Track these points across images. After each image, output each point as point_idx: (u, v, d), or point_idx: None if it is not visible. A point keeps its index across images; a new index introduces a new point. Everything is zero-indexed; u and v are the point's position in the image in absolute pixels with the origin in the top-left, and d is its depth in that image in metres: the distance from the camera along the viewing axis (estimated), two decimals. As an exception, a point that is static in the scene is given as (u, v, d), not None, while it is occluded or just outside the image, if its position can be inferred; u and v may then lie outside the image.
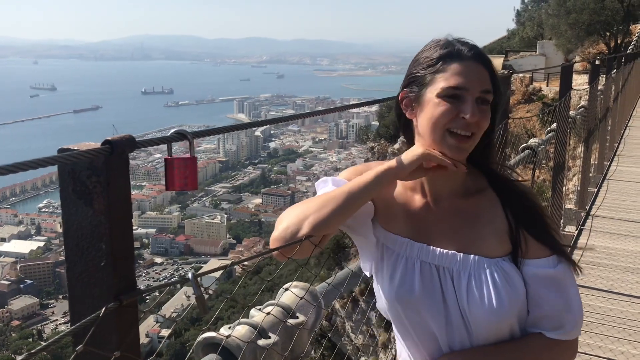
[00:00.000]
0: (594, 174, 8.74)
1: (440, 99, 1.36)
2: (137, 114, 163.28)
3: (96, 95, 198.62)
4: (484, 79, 1.37)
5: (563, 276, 1.44)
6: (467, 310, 1.39)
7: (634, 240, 6.36)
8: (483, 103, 1.37)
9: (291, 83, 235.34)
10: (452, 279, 1.41)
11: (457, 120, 1.35)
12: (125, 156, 0.84)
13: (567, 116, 5.08)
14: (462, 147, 1.37)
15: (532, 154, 4.40)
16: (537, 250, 1.43)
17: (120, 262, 0.86)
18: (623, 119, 13.01)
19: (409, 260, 1.45)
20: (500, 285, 1.38)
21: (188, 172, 0.95)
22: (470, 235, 1.44)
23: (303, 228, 1.36)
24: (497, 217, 1.45)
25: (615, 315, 4.69)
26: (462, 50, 1.39)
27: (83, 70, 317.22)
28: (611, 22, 34.20)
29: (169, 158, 0.96)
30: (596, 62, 7.33)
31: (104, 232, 0.84)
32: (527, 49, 42.73)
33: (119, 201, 0.85)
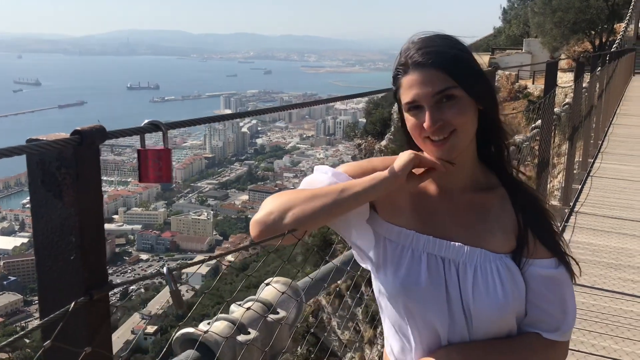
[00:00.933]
0: (578, 171, 8.80)
1: (408, 114, 1.40)
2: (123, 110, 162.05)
3: (81, 90, 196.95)
4: (435, 81, 1.35)
5: (563, 278, 1.47)
6: (471, 303, 1.39)
7: (617, 236, 6.41)
8: (449, 99, 1.35)
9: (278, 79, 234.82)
10: (458, 272, 1.42)
11: (424, 129, 1.36)
12: (96, 147, 0.82)
13: (551, 113, 5.11)
14: (442, 149, 1.37)
15: (517, 151, 4.41)
16: (540, 251, 1.45)
17: (91, 256, 0.84)
18: (607, 116, 13.13)
19: (415, 252, 1.44)
20: (505, 280, 1.40)
21: (162, 164, 0.93)
22: (478, 229, 1.45)
23: (286, 218, 1.34)
24: (506, 214, 1.47)
25: (598, 311, 4.73)
26: (409, 60, 1.38)
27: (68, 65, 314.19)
28: (596, 21, 34.51)
29: (143, 150, 0.94)
30: (581, 60, 7.38)
31: (73, 225, 0.82)
32: (513, 46, 42.97)
33: (89, 193, 0.82)
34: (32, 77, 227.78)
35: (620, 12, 34.37)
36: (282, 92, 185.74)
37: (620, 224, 6.80)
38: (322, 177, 1.47)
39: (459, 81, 1.36)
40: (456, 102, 1.35)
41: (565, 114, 6.80)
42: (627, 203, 7.59)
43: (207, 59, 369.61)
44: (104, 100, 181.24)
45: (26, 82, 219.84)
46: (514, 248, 1.44)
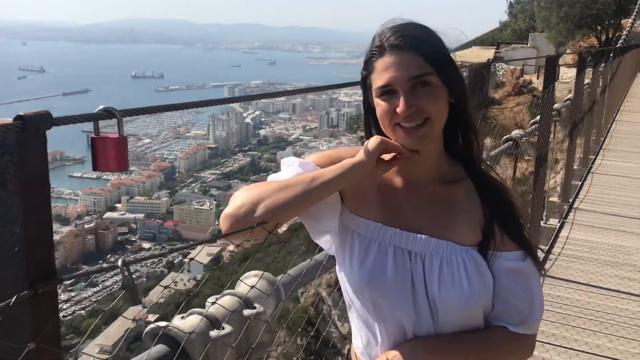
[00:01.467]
0: (579, 167, 8.75)
1: (379, 99, 1.36)
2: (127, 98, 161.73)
3: (85, 78, 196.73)
4: (412, 65, 1.32)
5: (530, 271, 1.46)
6: (437, 296, 1.38)
7: (615, 234, 6.37)
8: (423, 86, 1.32)
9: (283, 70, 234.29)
10: (424, 264, 1.40)
11: (398, 115, 1.33)
12: (42, 134, 0.78)
13: (550, 108, 5.05)
14: (414, 136, 1.35)
15: (514, 146, 4.37)
16: (507, 244, 1.43)
17: (36, 248, 0.80)
18: (610, 112, 13.05)
19: (382, 245, 1.43)
20: (471, 273, 1.38)
21: (117, 153, 0.90)
22: (445, 221, 1.43)
23: (257, 210, 1.32)
24: (473, 206, 1.45)
25: (593, 309, 4.70)
26: (385, 42, 1.35)
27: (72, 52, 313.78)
28: (602, 16, 34.34)
29: (97, 137, 0.90)
30: (583, 55, 7.31)
31: (17, 215, 0.78)
32: (519, 41, 42.81)
33: (34, 182, 0.79)
34: (37, 64, 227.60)
35: (627, 8, 34.15)
36: (286, 83, 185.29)
37: (619, 221, 6.76)
38: (288, 170, 1.45)
39: (436, 68, 1.33)
40: (431, 90, 1.33)
41: (566, 109, 6.74)
42: (627, 200, 7.55)
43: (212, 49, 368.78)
44: (108, 88, 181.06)
45: (30, 69, 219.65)
46: (480, 240, 1.43)
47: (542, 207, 5.89)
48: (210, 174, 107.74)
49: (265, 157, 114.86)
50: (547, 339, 4.24)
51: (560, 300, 4.80)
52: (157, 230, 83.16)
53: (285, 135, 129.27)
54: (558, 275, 5.25)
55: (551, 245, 5.97)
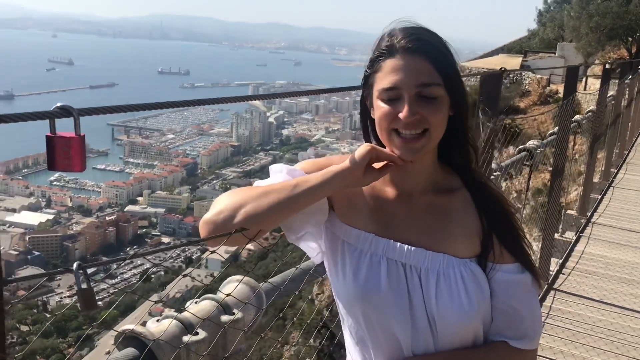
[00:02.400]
0: (600, 181, 8.58)
1: (380, 101, 1.30)
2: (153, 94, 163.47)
3: (113, 72, 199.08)
4: (422, 72, 1.27)
5: (529, 284, 1.41)
6: (435, 311, 1.33)
7: (633, 250, 6.23)
8: (429, 96, 1.27)
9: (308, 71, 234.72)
10: (420, 278, 1.35)
11: (398, 120, 1.27)
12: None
13: (569, 119, 4.94)
14: (410, 147, 1.29)
15: (529, 156, 4.28)
16: (506, 256, 1.39)
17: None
18: (636, 126, 12.78)
19: (374, 257, 1.37)
20: (469, 286, 1.33)
21: (72, 153, 0.86)
22: (440, 233, 1.38)
23: (237, 217, 1.27)
24: (469, 217, 1.40)
25: (605, 327, 4.58)
26: (396, 43, 1.29)
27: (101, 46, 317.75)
28: (634, 27, 33.70)
29: (51, 135, 0.87)
30: (607, 66, 7.15)
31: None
32: (546, 50, 42.28)
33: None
34: (66, 56, 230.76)
35: (659, 20, 33.47)
36: (311, 84, 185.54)
37: (638, 238, 6.60)
38: (275, 177, 1.40)
39: (444, 79, 1.28)
40: (436, 100, 1.28)
41: (587, 121, 6.61)
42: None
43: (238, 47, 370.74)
44: (134, 82, 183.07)
45: (59, 62, 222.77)
46: (478, 253, 1.38)
47: (557, 219, 5.77)
48: (231, 171, 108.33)
49: (286, 157, 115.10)
50: (554, 356, 4.14)
51: (571, 317, 4.69)
52: (177, 226, 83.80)
53: (308, 136, 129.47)
54: (570, 291, 5.14)
55: (565, 258, 5.85)
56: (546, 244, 5.11)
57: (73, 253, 71.28)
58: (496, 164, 3.35)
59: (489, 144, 2.79)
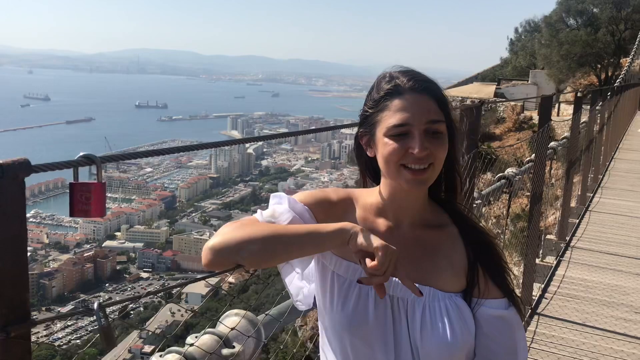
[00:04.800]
0: (576, 205, 8.75)
1: (388, 138, 1.36)
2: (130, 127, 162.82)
3: (90, 106, 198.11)
4: (430, 109, 1.35)
5: (514, 320, 1.45)
6: (419, 343, 1.37)
7: (612, 273, 6.35)
8: (434, 133, 1.35)
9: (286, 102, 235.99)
10: (406, 310, 1.39)
11: (407, 155, 1.34)
12: (20, 180, 0.81)
13: (546, 146, 5.09)
14: (419, 180, 1.36)
15: (507, 184, 4.39)
16: (491, 291, 1.43)
17: (9, 290, 0.82)
18: (609, 151, 13.10)
19: (363, 289, 1.41)
20: (454, 319, 1.37)
21: (94, 199, 0.92)
22: (428, 267, 1.43)
23: (243, 253, 1.29)
24: (456, 253, 1.45)
25: (588, 350, 4.66)
26: (402, 84, 1.37)
27: (78, 81, 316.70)
28: (602, 55, 34.70)
29: (74, 183, 0.93)
30: (578, 94, 7.38)
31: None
32: (519, 77, 43.17)
33: (11, 225, 0.81)
34: (42, 92, 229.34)
35: (626, 47, 34.56)
36: (289, 114, 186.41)
37: (616, 260, 6.74)
38: (278, 208, 1.44)
39: (445, 116, 1.37)
40: (441, 136, 1.37)
41: (562, 147, 6.79)
42: (624, 239, 7.53)
43: (216, 80, 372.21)
44: (112, 117, 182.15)
45: (35, 97, 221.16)
46: (464, 287, 1.43)
47: (537, 244, 5.88)
48: (210, 203, 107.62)
49: (266, 187, 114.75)
50: (540, 380, 4.20)
51: (555, 340, 4.77)
52: (156, 260, 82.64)
53: (287, 166, 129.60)
54: (553, 315, 5.22)
55: (547, 283, 5.95)
56: (528, 269, 5.21)
57: (50, 291, 69.77)
58: (477, 192, 3.45)
59: (471, 173, 2.89)
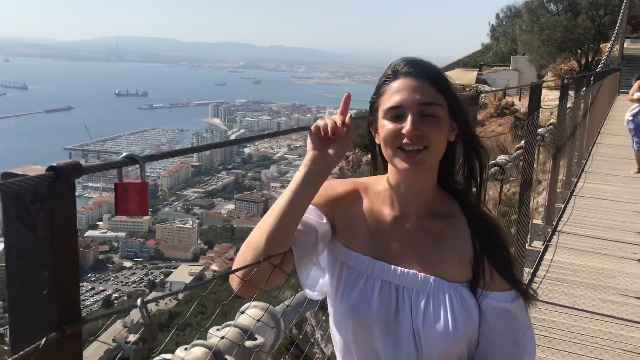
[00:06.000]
0: (561, 190, 8.88)
1: (385, 120, 1.40)
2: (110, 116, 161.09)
3: (69, 95, 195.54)
4: (425, 92, 1.38)
5: (519, 312, 1.47)
6: (421, 332, 1.39)
7: (598, 257, 6.47)
8: (429, 116, 1.37)
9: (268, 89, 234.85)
10: (411, 299, 1.42)
11: (400, 136, 1.37)
12: (71, 182, 0.82)
13: (535, 134, 5.17)
14: (413, 161, 1.38)
15: (500, 171, 4.45)
16: (497, 283, 1.45)
17: (64, 290, 0.83)
18: (591, 135, 13.28)
19: (369, 279, 1.45)
20: (457, 309, 1.40)
21: (139, 197, 0.94)
22: (433, 257, 1.45)
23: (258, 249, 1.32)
24: (463, 243, 1.47)
25: (577, 332, 4.77)
26: (399, 69, 1.41)
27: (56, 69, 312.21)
28: (583, 41, 35.00)
29: (120, 183, 0.94)
30: (565, 81, 7.47)
31: (46, 260, 0.82)
32: (500, 63, 43.42)
33: (63, 228, 0.82)
34: (19, 81, 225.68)
35: (606, 32, 34.87)
36: (271, 102, 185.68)
37: (602, 244, 6.87)
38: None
39: (446, 99, 1.39)
40: (437, 120, 1.39)
41: (549, 134, 6.88)
42: (609, 223, 7.67)
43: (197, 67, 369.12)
44: (91, 106, 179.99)
45: (12, 86, 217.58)
46: (470, 278, 1.45)
47: (526, 230, 5.97)
48: (193, 192, 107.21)
49: (249, 175, 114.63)
50: (533, 363, 4.29)
51: (545, 324, 4.86)
52: (139, 249, 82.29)
53: (270, 154, 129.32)
54: (543, 299, 5.32)
55: (536, 268, 6.05)
56: (518, 254, 5.29)
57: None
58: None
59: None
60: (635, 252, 6.61)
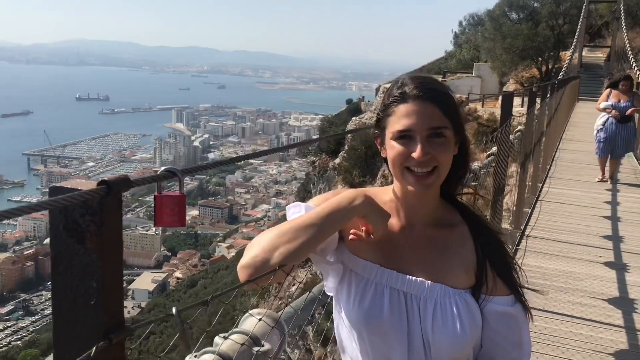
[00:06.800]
0: (528, 195, 9.09)
1: (394, 142, 1.45)
2: (71, 121, 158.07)
3: (27, 99, 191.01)
4: (434, 116, 1.43)
5: (519, 316, 1.55)
6: (431, 337, 1.45)
7: (565, 260, 6.66)
8: (438, 137, 1.43)
9: (232, 94, 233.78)
10: (419, 306, 1.48)
11: (410, 159, 1.43)
12: (120, 196, 0.84)
13: (507, 142, 5.31)
14: (422, 183, 1.45)
15: (474, 177, 4.56)
16: (499, 288, 1.52)
17: (110, 301, 0.85)
18: (554, 141, 13.63)
19: (379, 287, 1.50)
20: (463, 315, 1.46)
21: (177, 209, 0.96)
22: (439, 265, 1.51)
23: (273, 258, 1.37)
24: (467, 251, 1.54)
25: (549, 334, 4.90)
26: (409, 91, 1.45)
27: (13, 73, 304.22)
28: (543, 49, 35.91)
29: (159, 195, 0.97)
30: (533, 89, 7.68)
31: (95, 271, 0.83)
32: (463, 70, 44.14)
33: (111, 239, 0.84)
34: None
35: (565, 41, 35.86)
36: (236, 107, 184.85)
37: (569, 248, 7.06)
38: (296, 214, 1.53)
39: (452, 123, 1.45)
40: (445, 142, 1.45)
41: (518, 140, 7.05)
42: (574, 227, 7.89)
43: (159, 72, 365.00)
44: (51, 110, 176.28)
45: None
46: (473, 284, 1.51)
47: (497, 235, 6.11)
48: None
49: (213, 181, 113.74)
50: (508, 364, 4.39)
51: (518, 326, 4.98)
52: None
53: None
54: (515, 302, 5.45)
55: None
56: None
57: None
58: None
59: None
60: (601, 255, 6.82)
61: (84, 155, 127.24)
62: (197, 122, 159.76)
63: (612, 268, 6.45)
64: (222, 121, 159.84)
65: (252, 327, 1.61)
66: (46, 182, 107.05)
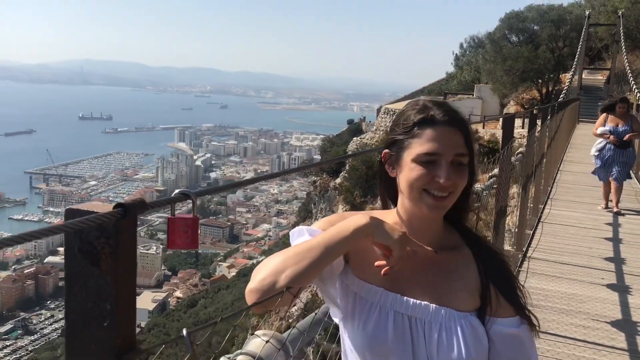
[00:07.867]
0: (530, 217, 9.10)
1: (416, 164, 1.46)
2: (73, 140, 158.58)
3: (30, 118, 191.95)
4: (458, 143, 1.46)
5: (525, 337, 1.53)
6: None
7: (567, 282, 6.64)
8: (459, 164, 1.46)
9: (235, 114, 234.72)
10: (424, 330, 1.48)
11: (432, 182, 1.44)
12: (135, 219, 0.86)
13: (509, 163, 5.33)
14: (439, 206, 1.46)
15: (476, 199, 4.58)
16: (504, 309, 1.51)
17: (124, 322, 0.87)
18: (555, 163, 13.67)
19: (383, 310, 1.50)
20: (469, 338, 1.46)
21: (190, 231, 0.99)
22: (443, 288, 1.52)
23: (280, 281, 1.38)
24: (470, 273, 1.54)
25: (552, 356, 4.87)
26: (436, 115, 1.48)
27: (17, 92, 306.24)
28: (543, 71, 36.17)
29: (172, 217, 0.99)
30: (534, 111, 7.73)
31: (109, 293, 0.85)
32: (464, 91, 44.40)
33: (126, 262, 0.86)
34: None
35: (565, 63, 36.14)
36: (238, 127, 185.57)
37: (570, 270, 7.05)
38: (299, 238, 1.54)
39: (469, 151, 1.49)
40: (463, 167, 1.47)
41: (519, 162, 7.08)
42: (576, 249, 7.88)
43: (163, 92, 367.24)
44: (54, 129, 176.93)
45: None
46: (478, 306, 1.51)
47: (499, 256, 6.11)
48: (157, 217, 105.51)
49: (215, 200, 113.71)
50: (510, 387, 4.36)
51: (520, 348, 4.96)
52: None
53: (236, 179, 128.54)
54: (517, 324, 5.43)
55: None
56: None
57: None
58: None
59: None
60: (603, 277, 6.81)
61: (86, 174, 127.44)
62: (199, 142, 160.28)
63: (614, 290, 6.43)
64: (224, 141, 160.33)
65: (257, 349, 1.63)
66: (48, 201, 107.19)
